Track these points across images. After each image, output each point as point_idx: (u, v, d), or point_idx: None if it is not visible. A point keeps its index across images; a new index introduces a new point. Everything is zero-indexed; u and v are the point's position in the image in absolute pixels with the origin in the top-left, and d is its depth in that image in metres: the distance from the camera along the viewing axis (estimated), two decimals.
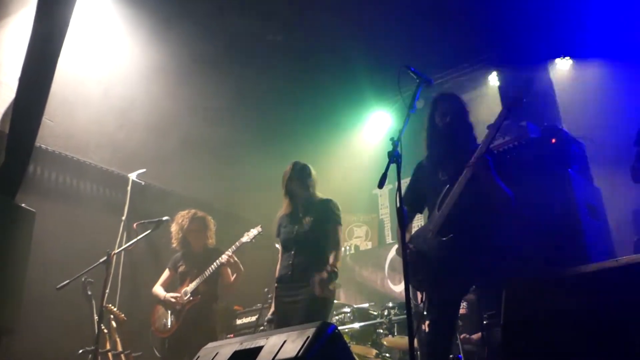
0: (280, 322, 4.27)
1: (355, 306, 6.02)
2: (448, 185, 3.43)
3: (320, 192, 4.68)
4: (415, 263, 3.33)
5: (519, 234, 3.60)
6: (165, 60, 6.45)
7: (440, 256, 3.38)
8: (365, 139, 8.54)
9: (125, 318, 5.66)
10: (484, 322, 3.35)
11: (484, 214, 3.37)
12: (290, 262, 4.41)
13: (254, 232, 5.34)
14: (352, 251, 8.61)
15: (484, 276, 3.33)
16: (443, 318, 3.40)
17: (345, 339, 5.32)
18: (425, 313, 3.45)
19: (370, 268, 8.12)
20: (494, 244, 3.37)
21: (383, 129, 8.30)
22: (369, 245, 8.57)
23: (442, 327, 3.38)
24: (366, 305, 6.41)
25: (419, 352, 3.36)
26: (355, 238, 8.73)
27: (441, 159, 3.58)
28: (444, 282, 3.37)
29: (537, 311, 2.22)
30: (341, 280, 8.21)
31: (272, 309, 4.49)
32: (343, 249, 8.60)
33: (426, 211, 3.71)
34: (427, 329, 3.44)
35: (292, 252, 4.45)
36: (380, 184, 2.91)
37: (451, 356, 3.36)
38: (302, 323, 3.39)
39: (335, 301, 6.35)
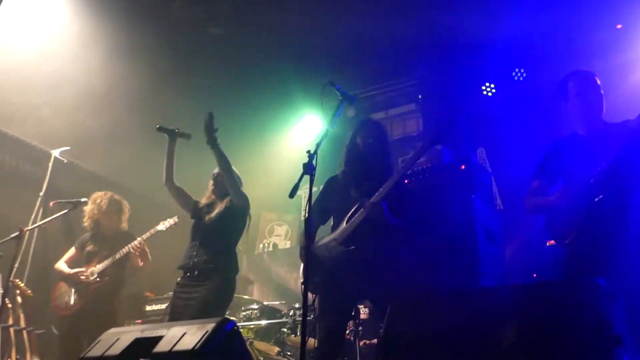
0: (172, 316, 4.21)
1: (265, 303, 6.16)
2: (359, 203, 3.67)
3: (245, 189, 4.74)
4: (315, 267, 3.54)
5: (416, 254, 3.85)
6: (102, 43, 6.36)
7: (341, 263, 3.63)
8: (295, 141, 8.69)
9: (31, 294, 5.57)
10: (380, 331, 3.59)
11: (380, 239, 3.64)
12: (194, 253, 4.38)
13: (170, 221, 5.42)
14: (270, 249, 8.75)
15: (375, 289, 3.60)
16: (334, 325, 3.64)
17: (250, 335, 5.53)
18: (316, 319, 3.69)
19: (286, 267, 8.30)
20: (389, 262, 3.64)
21: (313, 132, 8.47)
22: (288, 244, 8.74)
23: (332, 334, 3.61)
24: (277, 303, 6.58)
25: (312, 354, 3.57)
26: (275, 236, 8.87)
27: (356, 178, 3.82)
28: (338, 288, 3.61)
29: (416, 327, 2.43)
30: (257, 277, 8.40)
31: None
32: (261, 245, 8.78)
33: (330, 222, 3.93)
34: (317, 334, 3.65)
35: (197, 243, 4.42)
36: (292, 195, 3.09)
37: None
38: None
39: (246, 297, 6.53)
